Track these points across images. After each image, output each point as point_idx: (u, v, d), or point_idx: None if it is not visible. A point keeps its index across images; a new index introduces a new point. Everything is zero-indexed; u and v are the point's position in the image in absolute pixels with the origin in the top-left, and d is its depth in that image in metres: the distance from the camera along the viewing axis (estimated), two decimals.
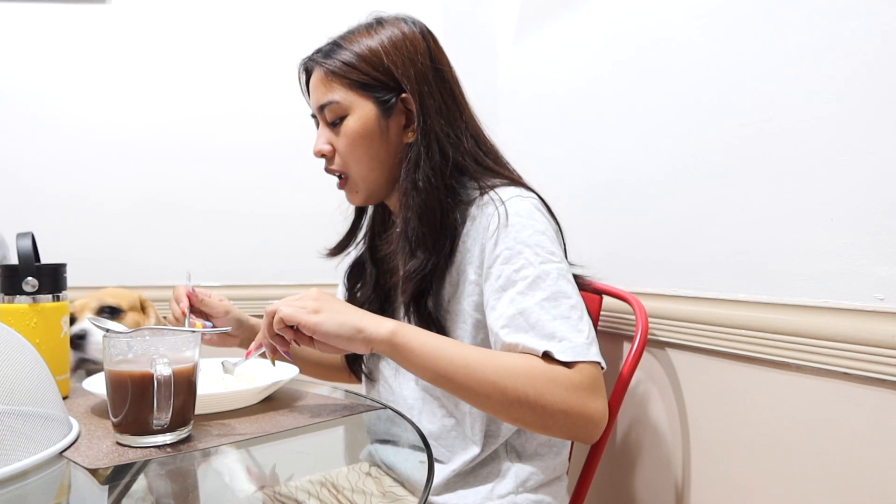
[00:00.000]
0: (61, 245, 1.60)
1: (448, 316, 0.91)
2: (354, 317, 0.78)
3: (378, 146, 0.92)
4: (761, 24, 0.92)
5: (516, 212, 0.85)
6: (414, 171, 0.90)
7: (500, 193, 0.88)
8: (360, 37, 0.93)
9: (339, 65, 0.91)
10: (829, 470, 0.82)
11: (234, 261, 1.74)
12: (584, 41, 1.36)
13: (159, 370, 0.63)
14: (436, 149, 0.90)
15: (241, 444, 0.71)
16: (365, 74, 0.90)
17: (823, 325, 0.82)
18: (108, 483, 0.60)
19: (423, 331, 0.81)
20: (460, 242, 0.90)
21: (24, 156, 1.66)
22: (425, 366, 0.77)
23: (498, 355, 0.79)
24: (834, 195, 0.81)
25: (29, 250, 0.85)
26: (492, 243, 0.85)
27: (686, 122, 1.06)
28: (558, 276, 0.82)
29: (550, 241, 0.85)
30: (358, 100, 0.91)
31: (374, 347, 0.78)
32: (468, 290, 0.89)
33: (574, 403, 0.76)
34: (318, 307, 0.78)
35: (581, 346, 0.77)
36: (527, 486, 0.91)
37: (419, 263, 0.89)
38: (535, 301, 0.79)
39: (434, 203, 0.89)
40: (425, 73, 0.91)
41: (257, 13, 1.73)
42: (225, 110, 1.73)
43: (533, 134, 1.58)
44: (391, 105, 0.91)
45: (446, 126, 0.91)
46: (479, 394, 0.77)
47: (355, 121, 0.91)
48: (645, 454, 1.17)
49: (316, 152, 0.96)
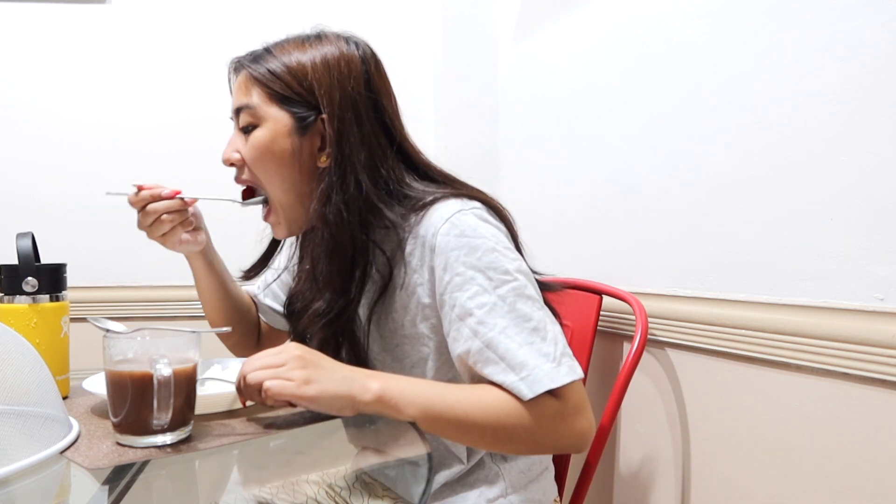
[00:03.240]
0: (61, 245, 1.60)
1: (406, 341, 0.88)
2: (343, 385, 0.74)
3: (289, 164, 0.86)
4: (761, 24, 0.92)
5: (460, 232, 0.80)
6: (325, 202, 0.84)
7: (440, 210, 0.82)
8: (292, 48, 0.88)
9: (264, 72, 0.87)
10: (829, 470, 0.82)
11: (234, 261, 1.74)
12: (583, 42, 1.36)
13: (159, 370, 0.63)
14: (351, 180, 0.84)
15: (241, 444, 0.71)
16: (287, 87, 0.86)
17: (823, 325, 0.82)
18: (108, 483, 0.60)
19: (410, 381, 0.79)
20: (405, 266, 0.85)
21: (24, 156, 1.65)
22: (416, 419, 0.76)
23: (484, 396, 0.77)
24: (834, 195, 0.82)
25: (29, 250, 0.85)
26: (441, 268, 0.80)
27: (686, 121, 1.06)
28: (515, 298, 0.78)
29: (503, 255, 0.80)
30: (274, 111, 0.86)
31: (363, 411, 0.76)
32: (424, 313, 0.85)
33: (563, 430, 0.77)
34: (307, 377, 0.72)
35: (550, 373, 0.75)
36: (516, 486, 0.91)
37: (324, 306, 0.85)
38: (498, 330, 0.77)
39: (345, 240, 0.84)
40: (353, 99, 0.85)
41: (258, 13, 1.73)
42: (225, 110, 1.73)
43: (533, 134, 1.58)
44: (308, 123, 0.85)
45: (367, 157, 0.85)
46: (472, 439, 0.79)
47: (265, 132, 0.86)
48: (644, 454, 1.17)
49: (224, 160, 0.92)
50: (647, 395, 1.16)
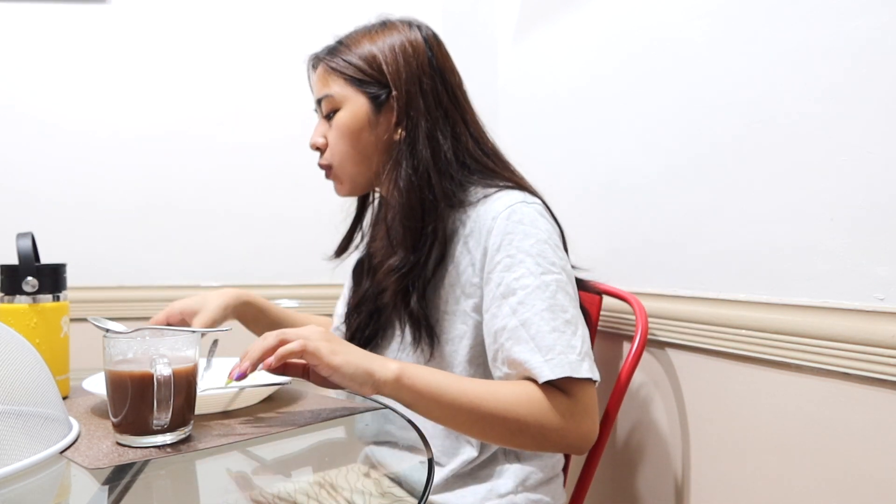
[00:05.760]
0: (61, 245, 1.60)
1: (446, 317, 0.92)
2: (365, 361, 0.78)
3: (366, 140, 0.95)
4: (761, 24, 0.92)
5: (519, 219, 0.86)
6: (395, 169, 0.92)
7: (504, 198, 0.89)
8: (361, 37, 0.97)
9: (339, 61, 0.96)
10: (829, 470, 0.82)
11: (234, 261, 1.74)
12: (583, 41, 1.36)
13: (159, 370, 0.64)
14: (421, 149, 0.92)
15: (241, 444, 0.71)
16: (360, 71, 0.95)
17: (823, 325, 0.82)
18: (108, 483, 0.60)
19: (426, 369, 0.81)
20: (461, 244, 0.91)
21: (24, 155, 1.65)
22: (429, 407, 0.79)
23: (498, 388, 0.81)
24: (834, 195, 0.81)
25: (29, 250, 0.85)
26: (494, 248, 0.86)
27: (686, 121, 1.06)
28: (557, 289, 0.83)
29: (553, 249, 0.86)
30: (352, 94, 0.95)
31: (381, 390, 0.78)
32: (469, 291, 0.90)
33: (570, 428, 0.80)
34: (333, 348, 0.77)
35: (573, 363, 0.80)
36: (526, 485, 0.92)
37: (398, 262, 0.92)
38: (535, 311, 0.81)
39: (415, 202, 0.91)
40: (419, 76, 0.94)
41: (258, 13, 1.73)
42: (225, 110, 1.73)
43: (533, 134, 1.58)
44: (382, 101, 0.94)
45: (437, 129, 0.93)
46: (483, 429, 0.80)
47: (346, 114, 0.95)
48: (645, 454, 1.17)
49: (311, 144, 1.01)
50: (647, 395, 1.16)
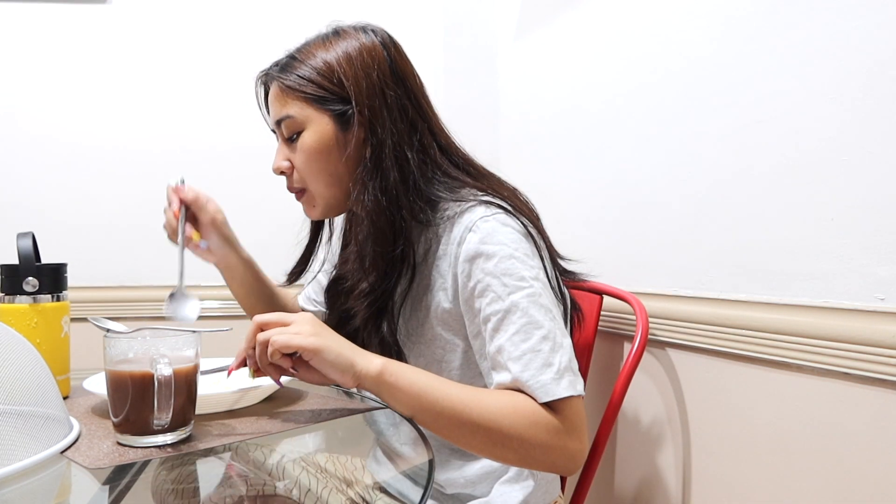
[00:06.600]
0: (62, 245, 1.60)
1: (422, 340, 0.89)
2: (348, 349, 0.77)
3: (336, 161, 0.89)
4: (762, 24, 0.92)
5: (481, 239, 0.81)
6: (362, 191, 0.86)
7: (467, 217, 0.84)
8: (315, 49, 0.90)
9: (295, 78, 0.88)
10: (829, 470, 0.82)
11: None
12: (584, 41, 1.36)
13: (160, 370, 0.63)
14: (389, 165, 0.86)
15: (241, 444, 0.71)
16: (320, 88, 0.88)
17: (823, 325, 0.82)
18: (109, 483, 0.60)
19: (412, 368, 0.79)
20: (434, 267, 0.87)
21: (24, 156, 1.65)
22: (411, 404, 0.76)
23: (484, 396, 0.77)
24: (834, 195, 0.81)
25: (29, 250, 0.85)
26: (464, 276, 0.82)
27: (686, 121, 1.06)
28: (529, 304, 0.78)
29: (521, 261, 0.80)
30: (314, 114, 0.88)
31: (362, 384, 0.76)
32: (442, 317, 0.87)
33: (554, 445, 0.75)
34: (315, 331, 0.76)
35: (549, 385, 0.75)
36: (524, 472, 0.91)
37: (367, 287, 0.87)
38: (507, 337, 0.78)
39: (384, 225, 0.86)
40: (380, 87, 0.87)
41: (258, 13, 1.73)
42: (225, 110, 1.73)
43: (533, 133, 1.58)
44: (347, 118, 0.87)
45: (403, 143, 0.87)
46: (464, 435, 0.76)
47: (311, 135, 0.88)
48: (645, 454, 1.17)
49: (274, 169, 0.94)
50: (647, 395, 1.16)
